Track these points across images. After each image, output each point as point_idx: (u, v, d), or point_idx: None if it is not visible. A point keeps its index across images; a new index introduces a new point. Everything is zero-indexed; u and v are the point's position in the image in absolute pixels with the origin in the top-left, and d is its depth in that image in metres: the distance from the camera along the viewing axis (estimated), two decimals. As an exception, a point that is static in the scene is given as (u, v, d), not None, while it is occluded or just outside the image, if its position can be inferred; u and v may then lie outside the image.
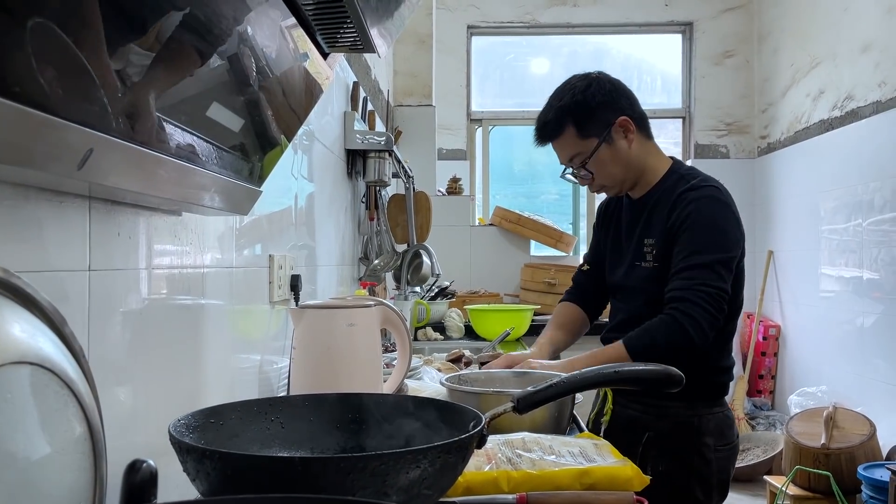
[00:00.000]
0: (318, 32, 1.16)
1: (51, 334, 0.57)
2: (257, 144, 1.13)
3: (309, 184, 2.00)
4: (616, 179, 1.76)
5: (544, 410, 1.25)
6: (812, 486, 2.99)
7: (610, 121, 1.71)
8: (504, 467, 1.01)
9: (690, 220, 1.62)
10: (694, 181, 1.69)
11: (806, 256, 4.42)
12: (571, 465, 1.01)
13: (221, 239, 1.30)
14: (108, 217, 0.88)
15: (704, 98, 5.24)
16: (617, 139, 1.72)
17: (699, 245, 1.61)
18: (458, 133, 5.25)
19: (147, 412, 0.98)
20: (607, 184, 1.77)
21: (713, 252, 1.60)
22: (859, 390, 3.76)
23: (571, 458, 1.05)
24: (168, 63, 0.80)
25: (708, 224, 1.62)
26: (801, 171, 4.53)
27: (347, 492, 0.68)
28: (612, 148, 1.72)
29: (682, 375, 1.01)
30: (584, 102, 1.70)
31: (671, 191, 1.70)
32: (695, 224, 1.62)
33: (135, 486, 0.63)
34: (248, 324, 1.49)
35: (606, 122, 1.71)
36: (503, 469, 1.00)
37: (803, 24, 4.54)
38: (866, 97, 3.83)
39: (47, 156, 0.62)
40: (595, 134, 1.71)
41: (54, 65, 0.59)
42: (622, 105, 1.73)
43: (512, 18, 5.28)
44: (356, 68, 2.86)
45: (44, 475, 0.53)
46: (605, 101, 1.71)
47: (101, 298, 0.86)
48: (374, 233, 2.91)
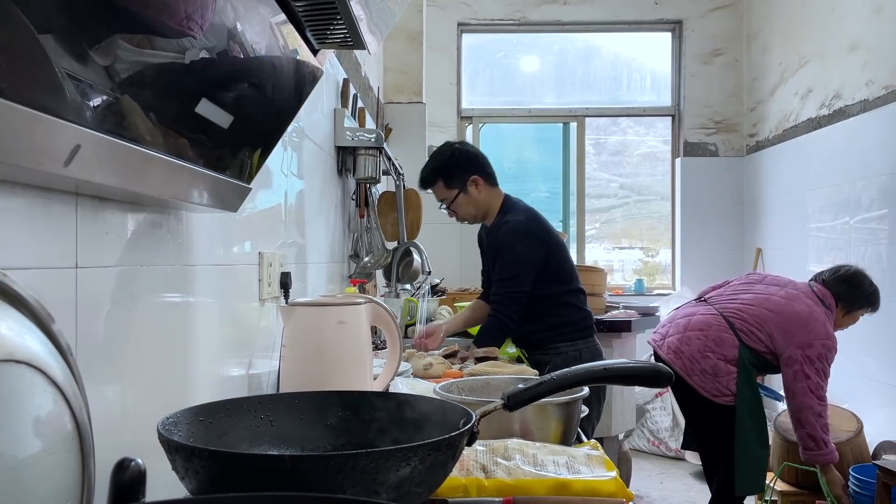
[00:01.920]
0: (308, 29, 1.16)
1: (38, 332, 0.57)
2: (246, 141, 1.13)
3: (299, 181, 2.00)
4: (470, 215, 2.63)
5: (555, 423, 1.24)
6: (800, 481, 3.01)
7: (465, 178, 2.55)
8: (476, 474, 0.99)
9: (498, 247, 2.52)
10: (506, 216, 2.55)
11: (794, 254, 4.45)
12: (551, 475, 0.99)
13: (210, 236, 1.29)
14: (95, 214, 0.87)
15: (693, 96, 5.26)
16: (470, 189, 2.57)
17: (502, 264, 2.50)
18: (449, 130, 5.25)
19: (135, 410, 0.97)
20: (466, 218, 2.65)
21: (510, 269, 2.48)
22: (846, 387, 3.78)
23: (554, 469, 1.03)
24: (156, 59, 0.80)
25: (505, 249, 2.49)
26: (789, 169, 4.55)
27: (337, 490, 0.68)
28: (467, 196, 2.57)
29: (671, 372, 1.02)
30: (448, 166, 2.57)
31: (498, 224, 2.56)
32: (498, 250, 2.52)
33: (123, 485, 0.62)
34: (238, 321, 1.49)
35: (463, 179, 2.55)
36: (474, 476, 0.98)
37: (792, 23, 4.56)
38: (854, 96, 3.86)
39: (33, 152, 0.62)
40: (456, 186, 2.56)
41: (40, 61, 0.59)
42: (474, 167, 2.58)
43: (502, 16, 5.28)
44: (346, 65, 2.85)
45: (31, 474, 0.53)
46: (463, 166, 2.56)
47: (89, 296, 0.86)
48: (365, 230, 2.91)
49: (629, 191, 5.78)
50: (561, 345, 2.55)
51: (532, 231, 2.53)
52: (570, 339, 2.57)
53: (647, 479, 4.17)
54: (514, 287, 2.48)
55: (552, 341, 2.55)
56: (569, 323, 2.57)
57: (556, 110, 5.44)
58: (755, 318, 2.71)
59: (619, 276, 5.68)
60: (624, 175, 5.80)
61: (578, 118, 5.39)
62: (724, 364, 2.68)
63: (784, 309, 2.70)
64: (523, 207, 2.61)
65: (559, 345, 2.55)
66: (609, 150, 5.82)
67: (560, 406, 1.25)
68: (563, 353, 2.52)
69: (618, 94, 5.50)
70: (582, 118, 5.40)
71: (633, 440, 4.61)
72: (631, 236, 5.81)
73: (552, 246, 2.56)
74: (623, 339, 3.72)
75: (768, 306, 2.72)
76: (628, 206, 5.81)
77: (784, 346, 2.66)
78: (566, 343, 2.55)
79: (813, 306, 2.72)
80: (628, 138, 5.79)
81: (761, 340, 2.69)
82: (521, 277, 2.48)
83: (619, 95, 5.50)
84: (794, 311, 2.68)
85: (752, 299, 2.78)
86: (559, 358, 2.49)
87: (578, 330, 2.58)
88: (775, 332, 2.67)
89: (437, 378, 1.92)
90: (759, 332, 2.69)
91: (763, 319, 2.70)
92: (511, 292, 2.48)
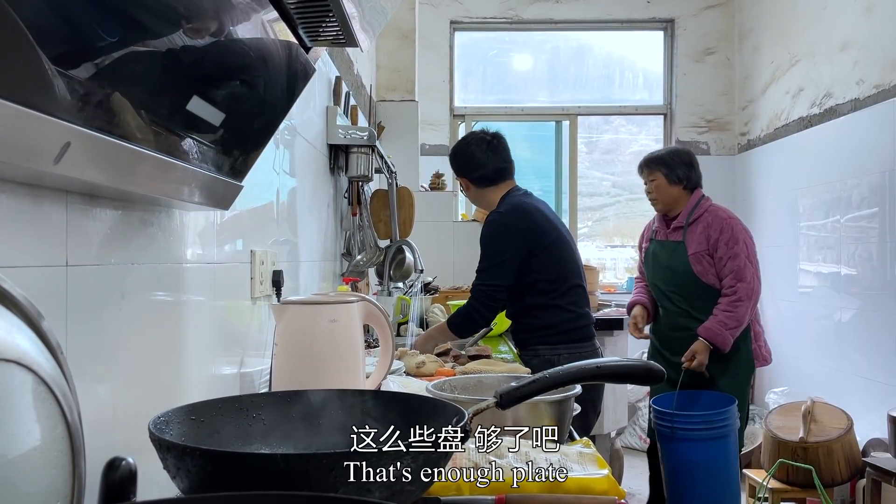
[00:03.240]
0: (301, 26, 1.16)
1: (27, 331, 0.56)
2: (238, 139, 1.12)
3: (291, 179, 1.99)
4: (478, 207, 3.01)
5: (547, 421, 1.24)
6: (791, 479, 3.03)
7: (461, 175, 2.67)
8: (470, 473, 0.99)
9: (480, 239, 2.55)
10: (493, 211, 2.57)
11: (785, 252, 4.47)
12: (544, 473, 0.99)
13: (202, 234, 1.28)
14: (85, 212, 0.87)
15: (685, 95, 5.27)
16: (464, 189, 2.72)
17: (481, 255, 2.53)
18: (442, 128, 5.25)
19: (126, 409, 0.97)
20: (479, 208, 3.06)
21: (484, 260, 2.51)
22: (837, 385, 3.81)
23: (546, 466, 1.03)
24: (147, 56, 0.79)
25: (484, 241, 2.52)
26: (780, 167, 4.57)
27: (330, 489, 0.67)
28: (467, 192, 2.71)
29: (662, 370, 1.02)
30: (451, 158, 2.70)
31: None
32: (480, 241, 2.54)
33: (114, 484, 0.62)
34: (230, 320, 1.48)
35: (462, 174, 2.66)
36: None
37: (783, 22, 4.58)
38: (845, 95, 3.88)
39: (23, 150, 0.61)
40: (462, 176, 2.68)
41: (29, 57, 0.58)
42: (465, 170, 2.64)
43: (495, 14, 5.28)
44: (339, 63, 2.84)
45: (21, 473, 0.52)
46: (459, 166, 2.66)
47: (79, 294, 0.85)
48: (357, 228, 2.90)
49: (621, 189, 5.79)
50: (539, 347, 2.49)
51: (512, 225, 2.48)
52: (550, 343, 2.49)
53: (639, 476, 4.18)
54: (488, 280, 2.46)
55: (531, 343, 2.52)
56: (548, 326, 2.50)
57: (549, 109, 5.45)
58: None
59: (611, 274, 5.69)
60: (616, 173, 5.81)
61: (571, 116, 5.40)
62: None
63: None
64: (515, 202, 2.53)
65: (538, 347, 2.50)
66: (601, 148, 5.83)
67: (552, 404, 1.26)
68: (540, 356, 2.46)
69: (610, 92, 5.51)
70: (574, 116, 5.40)
71: (624, 438, 4.62)
72: (623, 234, 5.82)
73: (538, 242, 2.48)
74: (615, 338, 3.73)
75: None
76: (620, 204, 5.82)
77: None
78: (545, 346, 2.49)
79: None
80: (620, 137, 5.80)
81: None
82: (495, 270, 2.45)
83: (611, 94, 5.51)
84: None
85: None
86: (536, 360, 2.43)
87: (558, 333, 2.49)
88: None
89: (430, 376, 1.92)
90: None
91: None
92: (483, 284, 2.46)
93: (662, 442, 3.00)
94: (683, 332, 3.02)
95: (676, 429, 2.90)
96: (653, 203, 3.18)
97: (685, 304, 3.05)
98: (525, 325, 2.54)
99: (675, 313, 3.08)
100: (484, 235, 2.51)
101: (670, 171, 3.09)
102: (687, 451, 2.89)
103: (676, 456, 2.94)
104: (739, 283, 2.92)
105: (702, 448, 2.84)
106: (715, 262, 2.99)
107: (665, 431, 2.96)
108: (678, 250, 3.06)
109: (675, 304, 3.08)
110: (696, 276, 2.99)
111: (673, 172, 3.08)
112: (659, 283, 3.14)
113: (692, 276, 3.00)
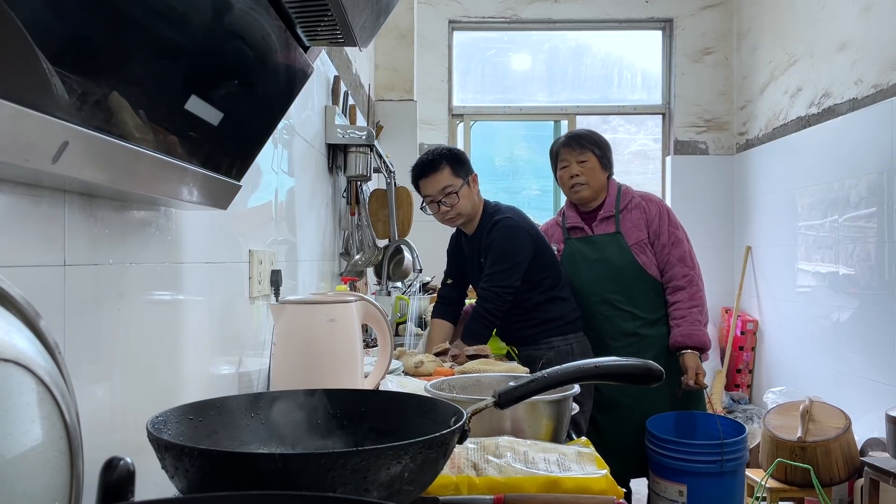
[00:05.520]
0: (298, 25, 1.15)
1: (25, 330, 0.56)
2: (236, 138, 1.12)
3: (289, 178, 1.99)
4: (466, 211, 2.59)
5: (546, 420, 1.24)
6: (789, 478, 3.03)
7: (469, 171, 2.60)
8: (467, 472, 0.99)
9: (490, 243, 2.55)
10: (494, 217, 2.58)
11: (783, 252, 4.47)
12: (542, 473, 0.99)
13: (200, 234, 1.28)
14: (83, 211, 0.87)
15: (684, 95, 5.27)
16: (472, 184, 2.61)
17: (493, 258, 2.54)
18: (440, 128, 5.24)
19: (124, 409, 0.97)
20: (461, 213, 2.58)
21: (499, 263, 2.52)
22: (835, 384, 3.81)
23: (545, 466, 1.03)
24: (145, 55, 0.79)
25: (502, 245, 2.53)
26: (778, 167, 4.57)
27: (328, 488, 0.67)
28: (468, 189, 2.58)
29: (661, 370, 1.02)
30: (456, 154, 2.61)
31: (485, 226, 2.60)
32: (490, 246, 2.55)
33: (112, 484, 0.62)
34: (228, 319, 1.48)
35: (467, 171, 2.60)
36: (465, 474, 0.98)
37: (781, 22, 4.58)
38: (843, 94, 3.88)
39: (21, 149, 0.61)
40: (461, 176, 2.57)
41: (27, 56, 0.58)
42: (470, 168, 2.63)
43: (493, 14, 5.28)
44: (337, 62, 2.84)
45: (19, 473, 0.52)
46: (465, 161, 2.62)
47: (77, 294, 0.85)
48: (356, 228, 2.90)
49: (620, 189, 5.79)
50: (553, 339, 2.61)
51: (523, 228, 2.60)
52: (562, 334, 2.62)
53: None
54: (502, 281, 2.52)
55: (544, 336, 2.60)
56: (559, 317, 2.63)
57: (548, 108, 5.45)
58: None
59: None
60: (615, 173, 5.80)
61: (569, 116, 5.40)
62: None
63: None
64: (509, 207, 2.68)
65: (551, 339, 2.61)
66: (600, 148, 5.82)
67: (551, 404, 1.26)
68: (555, 348, 2.59)
69: (608, 92, 5.51)
70: (573, 116, 5.40)
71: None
72: (621, 234, 5.82)
73: (540, 242, 2.65)
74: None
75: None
76: (619, 204, 5.81)
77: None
78: (558, 337, 2.61)
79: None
80: (619, 136, 5.79)
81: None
82: (509, 272, 2.53)
83: (609, 94, 5.50)
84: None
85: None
86: (552, 352, 2.55)
87: (568, 323, 2.64)
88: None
89: (428, 376, 1.92)
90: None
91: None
92: (497, 287, 2.52)
93: (659, 472, 2.59)
94: (631, 338, 2.70)
95: (684, 460, 2.51)
96: (576, 190, 2.74)
97: (628, 304, 2.71)
98: (535, 319, 2.61)
99: (618, 318, 2.72)
100: (503, 239, 2.53)
101: (603, 155, 2.77)
102: (698, 485, 2.52)
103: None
104: (692, 271, 2.68)
105: (715, 484, 2.50)
106: (656, 250, 2.70)
107: (668, 462, 2.55)
108: (614, 243, 2.72)
109: (617, 306, 2.72)
110: (641, 268, 2.68)
111: (605, 156, 2.77)
112: (592, 285, 2.74)
113: (637, 268, 2.69)
